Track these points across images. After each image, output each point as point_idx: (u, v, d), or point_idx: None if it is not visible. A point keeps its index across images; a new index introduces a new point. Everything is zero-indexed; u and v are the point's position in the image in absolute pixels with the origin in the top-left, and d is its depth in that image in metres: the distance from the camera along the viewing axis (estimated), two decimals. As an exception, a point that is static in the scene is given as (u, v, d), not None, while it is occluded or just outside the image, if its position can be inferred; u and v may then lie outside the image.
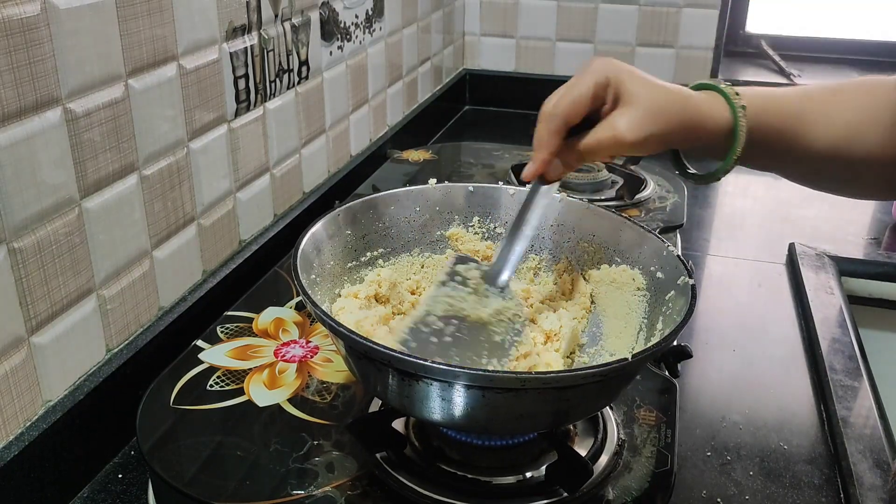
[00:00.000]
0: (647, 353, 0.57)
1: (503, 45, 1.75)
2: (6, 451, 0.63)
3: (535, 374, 0.54)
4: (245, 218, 0.96)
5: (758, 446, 0.75)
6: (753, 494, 0.69)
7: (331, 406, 0.72)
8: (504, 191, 0.80)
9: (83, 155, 0.68)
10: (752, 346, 0.92)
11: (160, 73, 0.77)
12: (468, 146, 1.43)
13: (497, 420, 0.58)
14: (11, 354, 0.63)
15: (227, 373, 0.76)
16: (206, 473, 0.64)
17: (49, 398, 0.68)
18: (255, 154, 0.96)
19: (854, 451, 0.73)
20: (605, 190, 1.18)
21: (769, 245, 1.16)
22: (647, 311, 0.69)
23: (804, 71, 1.69)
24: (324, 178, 1.16)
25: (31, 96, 0.61)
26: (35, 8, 0.61)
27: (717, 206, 1.32)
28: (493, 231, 0.80)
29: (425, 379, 0.55)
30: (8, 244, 0.61)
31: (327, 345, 0.80)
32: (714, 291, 1.05)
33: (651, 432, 0.70)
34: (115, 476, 0.71)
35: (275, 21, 0.96)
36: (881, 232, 1.20)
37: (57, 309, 0.67)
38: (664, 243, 0.70)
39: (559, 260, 0.78)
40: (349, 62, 1.19)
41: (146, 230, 0.78)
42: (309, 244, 0.68)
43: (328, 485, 0.63)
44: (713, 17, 1.61)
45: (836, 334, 0.92)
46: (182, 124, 0.81)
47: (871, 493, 0.67)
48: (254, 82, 0.93)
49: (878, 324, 1.13)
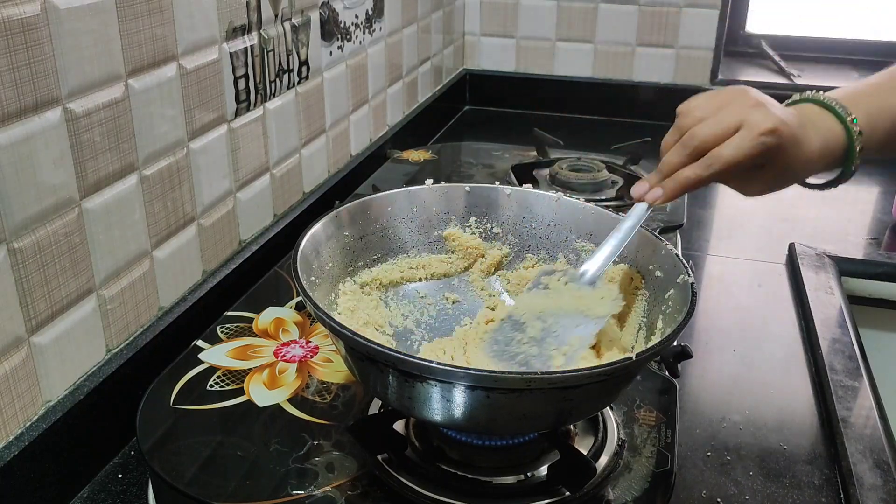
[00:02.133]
0: (651, 351, 0.57)
1: (503, 45, 1.75)
2: (6, 451, 0.63)
3: (541, 374, 0.54)
4: (245, 218, 0.96)
5: (758, 446, 0.75)
6: (753, 494, 0.69)
7: (331, 406, 0.72)
8: (501, 191, 0.80)
9: (83, 155, 0.68)
10: (752, 346, 0.92)
11: (160, 73, 0.77)
12: (468, 146, 1.43)
13: (499, 420, 0.58)
14: (11, 354, 0.63)
15: (227, 373, 0.76)
16: (206, 473, 0.64)
17: (49, 398, 0.68)
18: (255, 154, 0.96)
19: (854, 451, 0.72)
20: (606, 190, 1.18)
21: (769, 245, 1.16)
22: (647, 310, 0.69)
23: (804, 71, 1.69)
24: (324, 178, 1.16)
25: (31, 96, 0.61)
26: (35, 8, 0.61)
27: (717, 206, 1.32)
28: (490, 231, 0.80)
29: (427, 380, 0.55)
30: (8, 244, 0.61)
31: (327, 345, 0.80)
32: (714, 291, 1.05)
33: (651, 432, 0.70)
34: (115, 476, 0.71)
35: (275, 21, 0.96)
36: (881, 232, 1.20)
37: (57, 309, 0.67)
38: (663, 243, 0.70)
39: (556, 259, 0.78)
40: (349, 62, 1.19)
41: (146, 230, 0.78)
42: (308, 245, 0.68)
43: (328, 485, 0.63)
44: (713, 17, 1.61)
45: (836, 334, 0.92)
46: (182, 124, 0.81)
47: (871, 493, 0.67)
48: (254, 82, 0.93)
49: (878, 324, 1.13)
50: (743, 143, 0.61)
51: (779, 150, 0.62)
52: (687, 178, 0.63)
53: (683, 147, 0.63)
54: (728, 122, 0.62)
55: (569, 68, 1.72)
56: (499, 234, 0.79)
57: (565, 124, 1.66)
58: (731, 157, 0.61)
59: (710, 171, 0.62)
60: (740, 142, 0.61)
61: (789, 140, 0.62)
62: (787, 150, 0.62)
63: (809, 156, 0.64)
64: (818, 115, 0.66)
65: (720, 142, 0.62)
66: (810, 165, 0.65)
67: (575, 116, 1.73)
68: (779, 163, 0.63)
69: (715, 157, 0.62)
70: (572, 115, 1.73)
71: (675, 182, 0.64)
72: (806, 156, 0.64)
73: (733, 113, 0.62)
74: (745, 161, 0.61)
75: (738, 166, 0.62)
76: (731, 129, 0.62)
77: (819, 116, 0.66)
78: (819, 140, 0.65)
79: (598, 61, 1.70)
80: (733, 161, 0.61)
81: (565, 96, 1.73)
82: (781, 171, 0.64)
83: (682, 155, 0.63)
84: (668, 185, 0.64)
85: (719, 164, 0.61)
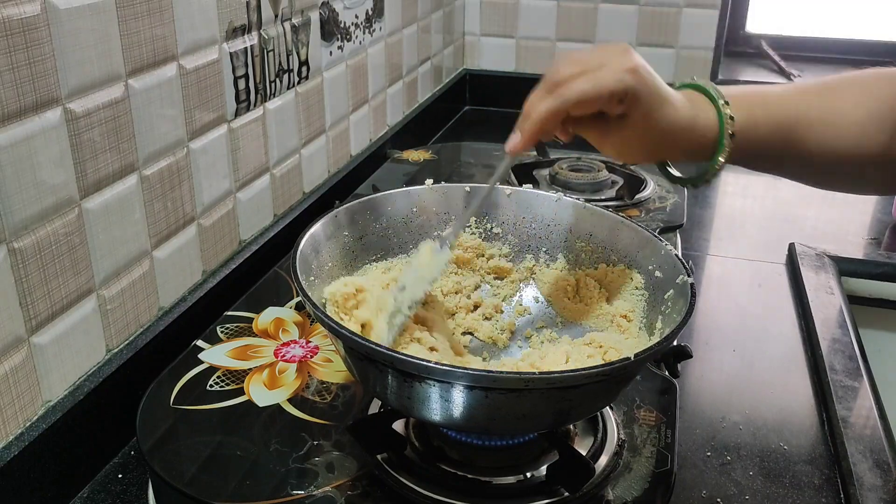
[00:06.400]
0: (650, 351, 0.57)
1: (503, 45, 1.75)
2: (6, 451, 0.63)
3: (539, 375, 0.54)
4: (245, 218, 0.96)
5: (758, 446, 0.75)
6: (753, 494, 0.69)
7: (331, 406, 0.72)
8: (501, 191, 0.80)
9: (83, 155, 0.68)
10: (752, 346, 0.92)
11: (160, 73, 0.77)
12: (468, 146, 1.43)
13: (498, 420, 0.58)
14: (11, 354, 0.63)
15: (227, 373, 0.76)
16: (206, 473, 0.64)
17: (49, 398, 0.68)
18: (255, 154, 0.96)
19: (854, 451, 0.72)
20: (605, 190, 1.18)
21: (769, 245, 1.16)
22: (646, 310, 0.69)
23: (804, 71, 1.70)
24: (324, 178, 1.16)
25: (31, 96, 0.61)
26: (35, 8, 0.61)
27: (717, 206, 1.32)
28: (490, 231, 0.80)
29: (426, 380, 0.55)
30: (8, 244, 0.61)
31: (327, 345, 0.80)
32: (714, 291, 1.05)
33: (651, 432, 0.70)
34: (115, 476, 0.71)
35: (275, 21, 0.96)
36: (881, 232, 1.20)
37: (57, 309, 0.67)
38: (662, 243, 0.70)
39: (556, 259, 0.78)
40: (349, 62, 1.19)
41: (146, 230, 0.78)
42: (308, 245, 0.68)
43: (328, 485, 0.63)
44: (713, 17, 1.61)
45: (836, 334, 0.92)
46: (182, 124, 0.81)
47: (871, 493, 0.67)
48: (254, 82, 0.93)
49: (878, 324, 1.13)
50: (601, 77, 0.58)
51: (637, 99, 0.59)
52: (539, 113, 0.59)
53: (544, 85, 0.60)
54: (590, 62, 0.59)
55: (569, 68, 1.72)
56: (499, 234, 0.79)
57: (565, 124, 1.66)
58: (586, 89, 0.58)
59: (561, 100, 0.58)
60: (599, 76, 0.58)
61: (652, 90, 0.59)
62: (649, 102, 0.59)
63: (675, 119, 0.61)
64: (694, 94, 0.64)
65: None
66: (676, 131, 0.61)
67: (575, 116, 1.72)
68: (637, 115, 0.59)
69: (569, 87, 0.58)
70: (572, 114, 1.73)
71: (529, 120, 0.60)
72: (671, 117, 0.61)
73: (597, 57, 0.60)
74: (600, 97, 0.58)
75: (591, 102, 0.58)
76: (592, 68, 0.59)
77: (694, 95, 0.64)
78: (689, 111, 0.62)
79: (598, 61, 1.70)
80: (589, 93, 0.58)
81: (565, 96, 1.72)
82: (639, 127, 0.60)
83: (541, 91, 0.60)
84: (524, 125, 0.61)
85: (572, 92, 0.58)
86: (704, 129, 0.62)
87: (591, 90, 0.58)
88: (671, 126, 0.61)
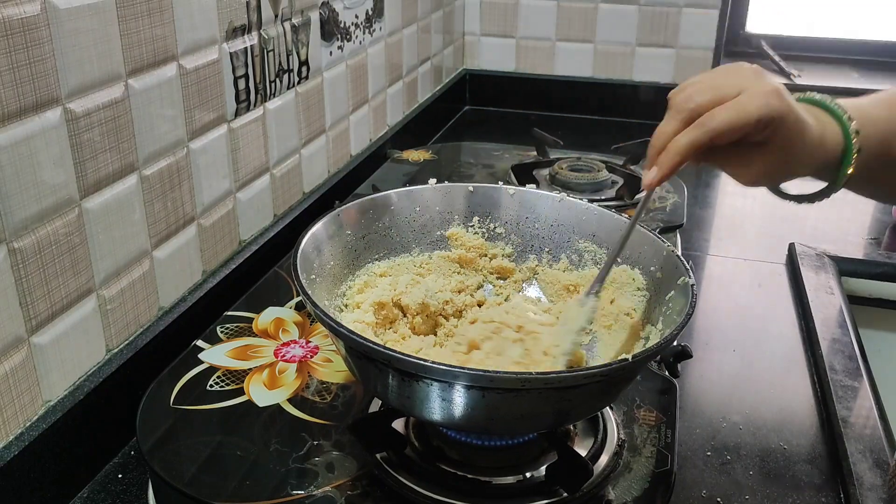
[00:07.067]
0: (648, 353, 0.57)
1: (503, 45, 1.75)
2: (6, 451, 0.63)
3: (536, 375, 0.54)
4: (245, 218, 0.96)
5: (758, 446, 0.75)
6: (753, 494, 0.69)
7: (331, 406, 0.72)
8: (504, 191, 0.80)
9: (83, 155, 0.68)
10: (752, 346, 0.92)
11: (160, 73, 0.77)
12: (468, 146, 1.43)
13: (497, 420, 0.58)
14: (11, 354, 0.63)
15: (227, 373, 0.76)
16: (206, 473, 0.64)
17: (49, 398, 0.68)
18: (255, 154, 0.96)
19: (854, 451, 0.72)
20: (606, 190, 1.18)
21: (769, 245, 1.16)
22: (647, 310, 0.69)
23: (804, 71, 1.69)
24: (324, 178, 1.16)
25: (31, 96, 0.61)
26: (35, 8, 0.61)
27: (717, 206, 1.32)
28: (492, 231, 0.80)
29: (425, 379, 0.55)
30: (8, 244, 0.61)
31: (327, 345, 0.80)
32: (714, 291, 1.05)
33: (651, 432, 0.70)
34: (115, 476, 0.71)
35: (275, 21, 0.96)
36: (881, 232, 1.20)
37: (57, 309, 0.67)
38: (664, 243, 0.70)
39: (559, 259, 0.78)
40: (349, 62, 1.19)
41: (146, 230, 0.78)
42: (309, 244, 0.68)
43: (328, 485, 0.63)
44: (713, 17, 1.61)
45: (836, 334, 0.92)
46: (182, 124, 0.81)
47: (871, 493, 0.67)
48: (254, 82, 0.93)
49: (878, 324, 1.13)
50: (746, 104, 0.54)
51: (782, 124, 0.55)
52: (680, 146, 0.55)
53: (677, 113, 0.56)
54: (725, 88, 0.56)
55: (569, 68, 1.72)
56: (501, 233, 0.80)
57: (565, 124, 1.66)
58: (731, 118, 0.54)
59: (705, 132, 0.55)
60: (743, 103, 0.55)
61: (793, 114, 0.56)
62: (790, 127, 0.56)
63: (811, 140, 0.59)
64: (814, 110, 0.62)
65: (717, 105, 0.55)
66: (811, 153, 0.59)
67: (575, 116, 1.73)
68: (780, 140, 0.57)
69: (712, 117, 0.55)
70: (572, 115, 1.73)
71: (669, 154, 0.56)
72: (808, 139, 0.58)
73: (732, 82, 0.56)
74: (747, 125, 0.54)
75: (738, 131, 0.55)
76: (730, 94, 0.55)
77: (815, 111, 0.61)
78: (819, 128, 0.59)
79: (598, 61, 1.70)
80: (735, 122, 0.54)
81: (565, 96, 1.73)
82: (782, 152, 0.58)
83: (676, 121, 0.56)
84: (662, 159, 0.57)
85: (717, 123, 0.54)
86: (831, 144, 0.60)
87: (738, 119, 0.54)
88: (806, 150, 0.59)
